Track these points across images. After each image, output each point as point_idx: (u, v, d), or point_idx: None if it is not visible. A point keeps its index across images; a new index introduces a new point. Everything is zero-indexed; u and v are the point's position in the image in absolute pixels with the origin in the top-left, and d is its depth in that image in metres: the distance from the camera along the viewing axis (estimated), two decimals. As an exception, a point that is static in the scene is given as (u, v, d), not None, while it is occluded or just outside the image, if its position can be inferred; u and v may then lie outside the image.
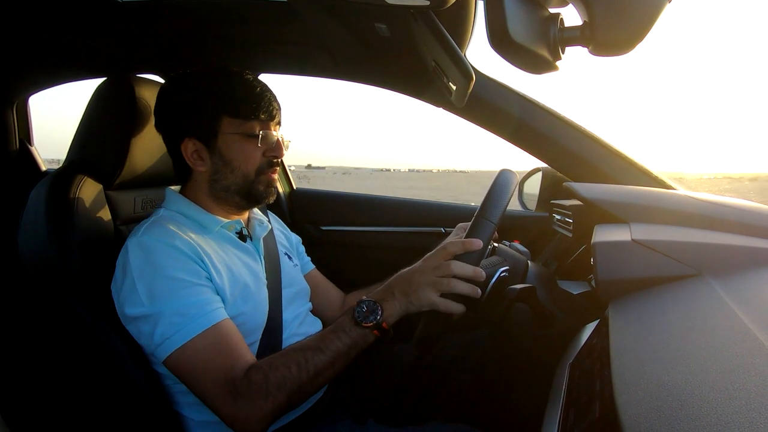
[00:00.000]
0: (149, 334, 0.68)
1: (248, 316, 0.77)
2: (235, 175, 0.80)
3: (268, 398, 0.64)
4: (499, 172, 0.74)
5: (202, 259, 0.74)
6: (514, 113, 1.05)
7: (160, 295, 0.68)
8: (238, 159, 0.80)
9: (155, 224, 0.76)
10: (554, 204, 1.12)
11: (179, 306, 0.67)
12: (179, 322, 0.67)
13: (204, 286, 0.71)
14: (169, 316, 0.67)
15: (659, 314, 0.55)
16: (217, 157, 0.80)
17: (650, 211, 0.77)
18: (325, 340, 0.68)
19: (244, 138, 0.79)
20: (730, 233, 0.69)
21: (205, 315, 0.68)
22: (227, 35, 1.03)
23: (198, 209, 0.82)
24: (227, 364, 0.66)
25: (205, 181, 0.82)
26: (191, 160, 0.80)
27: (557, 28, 0.48)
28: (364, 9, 0.82)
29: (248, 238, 0.86)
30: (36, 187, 0.81)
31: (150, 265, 0.70)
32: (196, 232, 0.78)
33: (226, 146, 0.79)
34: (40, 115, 6.49)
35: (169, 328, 0.67)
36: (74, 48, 1.07)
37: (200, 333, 0.67)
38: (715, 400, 0.33)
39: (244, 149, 0.80)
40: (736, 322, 0.45)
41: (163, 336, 0.67)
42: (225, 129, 0.79)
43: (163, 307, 0.67)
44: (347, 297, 1.07)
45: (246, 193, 0.82)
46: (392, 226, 1.41)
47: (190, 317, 0.67)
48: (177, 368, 0.68)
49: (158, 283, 0.68)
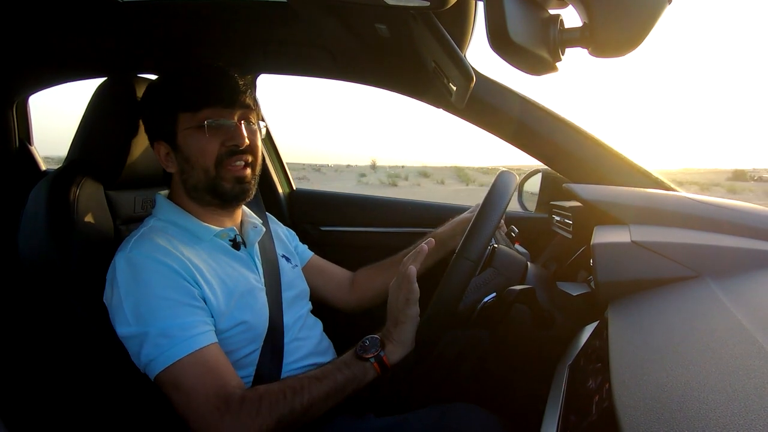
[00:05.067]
0: (136, 354, 0.67)
1: (249, 325, 0.77)
2: (196, 172, 0.78)
3: (257, 418, 0.63)
4: (498, 175, 0.74)
5: (194, 276, 0.72)
6: (514, 114, 1.05)
7: (146, 315, 0.67)
8: (195, 154, 0.77)
9: (145, 238, 0.74)
10: (554, 205, 1.12)
11: (165, 327, 0.66)
12: (164, 344, 0.65)
13: (193, 306, 0.70)
14: (154, 337, 0.66)
15: (658, 316, 0.55)
16: (180, 156, 0.79)
17: (650, 212, 0.77)
18: (324, 372, 0.69)
19: (196, 130, 0.76)
20: (730, 235, 0.69)
21: (192, 338, 0.67)
22: (227, 35, 1.03)
23: (188, 217, 0.80)
24: (218, 383, 0.66)
25: (179, 183, 0.81)
26: (164, 162, 0.81)
27: (557, 30, 0.48)
28: (364, 10, 0.82)
29: (242, 245, 0.84)
30: (36, 187, 0.81)
31: (137, 283, 0.68)
32: (188, 243, 0.76)
33: (184, 143, 0.78)
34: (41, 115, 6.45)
35: (153, 349, 0.66)
36: (74, 48, 1.07)
37: (186, 355, 0.65)
38: (714, 401, 0.33)
39: (198, 142, 0.77)
40: (734, 324, 0.45)
41: (148, 357, 0.66)
42: (182, 125, 0.77)
43: (149, 327, 0.66)
44: (357, 274, 1.06)
45: (212, 190, 0.78)
46: (392, 227, 1.41)
47: (175, 339, 0.66)
48: (166, 389, 0.66)
49: (145, 301, 0.67)
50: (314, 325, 0.93)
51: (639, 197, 0.83)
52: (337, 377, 0.68)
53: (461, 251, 0.68)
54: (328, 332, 0.96)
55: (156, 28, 0.96)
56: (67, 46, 1.06)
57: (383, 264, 1.04)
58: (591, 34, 0.45)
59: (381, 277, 1.02)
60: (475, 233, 0.68)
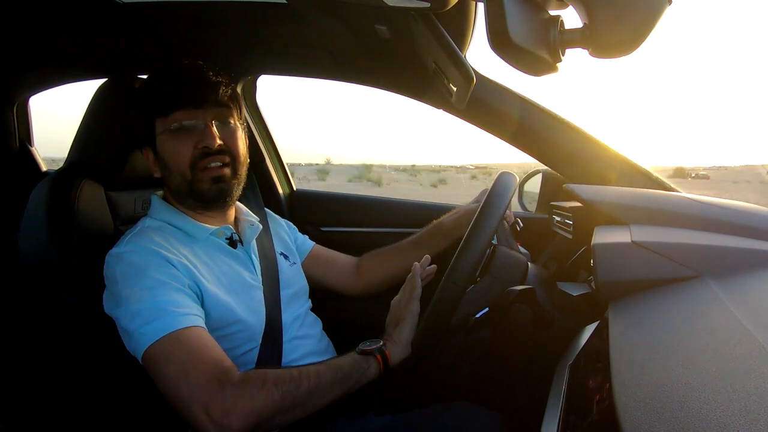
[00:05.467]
0: (125, 330, 0.65)
1: (246, 323, 0.77)
2: (174, 176, 0.78)
3: (262, 389, 0.59)
4: (498, 176, 0.74)
5: (190, 272, 0.72)
6: (515, 115, 1.05)
7: (139, 293, 0.66)
8: (170, 158, 0.77)
9: (140, 234, 0.74)
10: (554, 206, 1.12)
11: (158, 303, 0.65)
12: (153, 319, 0.63)
13: (185, 292, 0.69)
14: (147, 311, 0.64)
15: (659, 316, 0.55)
16: (160, 161, 0.79)
17: (650, 212, 0.77)
18: (328, 362, 0.69)
19: (170, 134, 0.76)
20: (730, 235, 0.69)
21: (185, 315, 0.65)
22: (227, 36, 1.03)
23: (184, 217, 0.80)
24: (216, 357, 0.63)
25: (166, 186, 0.83)
26: (152, 167, 0.82)
27: (557, 30, 0.48)
28: (364, 10, 0.82)
29: (239, 243, 0.84)
30: (36, 188, 0.81)
31: (132, 269, 0.69)
32: (184, 242, 0.76)
33: (161, 148, 0.78)
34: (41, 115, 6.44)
35: (145, 323, 0.63)
36: (74, 49, 1.07)
37: (180, 329, 0.63)
38: (714, 401, 0.33)
39: (172, 145, 0.76)
40: (735, 324, 0.45)
41: (138, 330, 0.63)
42: (158, 130, 0.78)
43: (138, 306, 0.65)
44: (362, 260, 1.06)
45: (192, 193, 0.78)
46: (392, 227, 1.41)
47: (168, 314, 0.64)
48: (156, 363, 0.62)
49: (139, 284, 0.67)
50: (314, 324, 0.93)
51: (639, 197, 0.83)
52: (342, 365, 0.68)
53: (450, 275, 0.68)
54: (328, 331, 0.96)
55: (156, 28, 0.96)
56: (68, 47, 1.06)
57: (389, 250, 1.05)
58: (591, 35, 0.45)
59: (387, 263, 1.02)
60: (464, 254, 0.67)
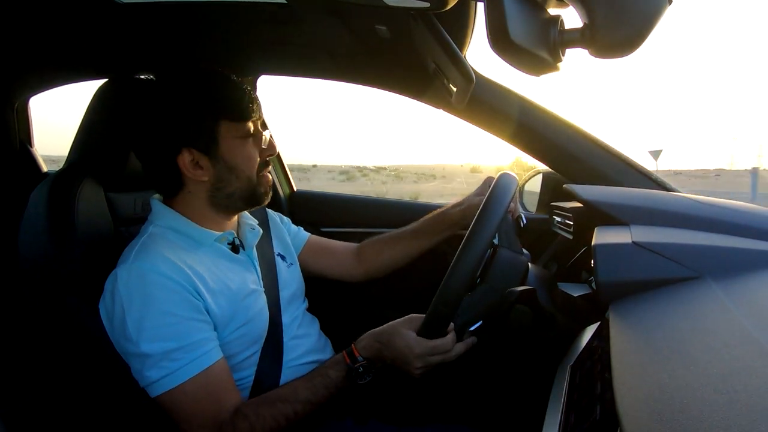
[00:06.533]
0: (138, 372, 0.68)
1: (250, 327, 0.77)
2: (240, 180, 0.78)
3: None
4: (498, 176, 0.74)
5: (197, 288, 0.71)
6: (514, 115, 1.05)
7: (149, 333, 0.66)
8: (243, 163, 0.77)
9: (147, 248, 0.72)
10: (554, 206, 1.12)
11: (168, 349, 0.66)
12: (168, 367, 0.66)
13: (197, 321, 0.70)
14: (159, 360, 0.66)
15: (660, 316, 0.55)
16: (221, 165, 0.76)
17: (651, 213, 0.77)
18: (300, 378, 0.75)
19: (242, 140, 0.77)
20: (731, 235, 0.69)
21: (195, 360, 0.67)
22: (227, 36, 1.03)
23: (188, 223, 0.78)
24: (215, 408, 0.68)
25: (205, 191, 0.77)
26: (191, 171, 0.74)
27: (557, 30, 0.48)
28: (364, 10, 0.82)
29: (241, 248, 0.84)
30: (36, 189, 0.81)
31: (141, 298, 0.67)
32: (189, 249, 0.76)
33: (229, 152, 0.76)
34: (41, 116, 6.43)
35: (157, 372, 0.66)
36: (74, 49, 1.07)
37: (189, 379, 0.67)
38: (716, 402, 0.33)
39: (246, 152, 0.78)
40: (736, 325, 0.45)
41: (150, 379, 0.67)
42: (225, 134, 0.75)
43: (153, 347, 0.66)
44: (363, 246, 1.06)
45: (249, 196, 0.80)
46: (392, 228, 1.41)
47: (179, 362, 0.66)
48: (165, 407, 0.69)
49: (149, 318, 0.67)
50: (312, 323, 0.94)
51: (640, 197, 0.83)
52: (311, 375, 0.74)
53: (448, 280, 0.67)
54: (325, 330, 0.96)
55: (156, 29, 0.96)
56: (68, 47, 1.06)
57: (389, 237, 1.05)
58: (591, 35, 0.45)
59: (388, 250, 1.04)
60: (463, 259, 0.67)
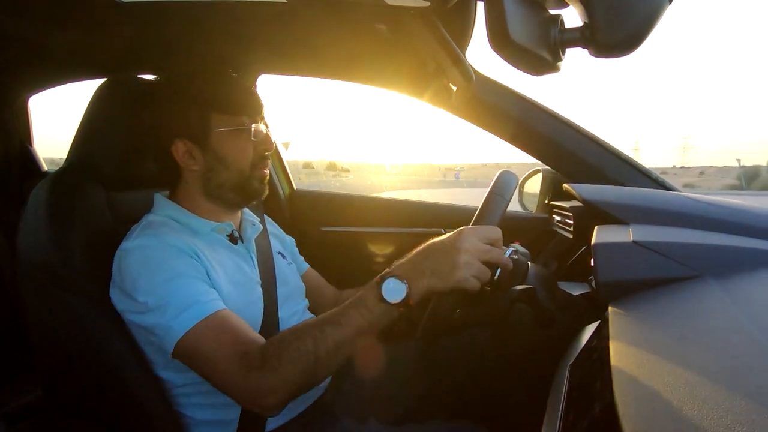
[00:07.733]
0: (157, 327, 0.68)
1: (243, 317, 0.77)
2: (230, 171, 0.81)
3: (279, 371, 0.64)
4: (499, 174, 0.74)
5: (199, 256, 0.74)
6: (514, 114, 1.05)
7: (161, 288, 0.68)
8: (233, 155, 0.80)
9: (147, 227, 0.76)
10: (554, 205, 1.12)
11: (181, 297, 0.68)
12: (183, 310, 0.67)
13: (201, 280, 0.72)
14: (173, 307, 0.67)
15: (660, 315, 0.55)
16: (210, 155, 0.80)
17: (651, 212, 0.77)
18: (345, 315, 0.65)
19: (235, 133, 0.80)
20: (731, 234, 0.69)
21: (206, 303, 0.69)
22: (227, 36, 1.03)
23: (187, 213, 0.82)
24: (238, 339, 0.67)
25: (198, 180, 0.82)
26: (183, 160, 0.80)
27: (557, 30, 0.48)
28: (364, 10, 0.82)
29: (239, 240, 0.86)
30: (36, 188, 0.81)
31: (148, 263, 0.70)
32: (188, 235, 0.78)
33: (219, 143, 0.80)
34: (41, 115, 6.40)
35: (169, 320, 0.67)
36: (74, 48, 1.07)
37: (204, 318, 0.67)
38: (716, 401, 0.33)
39: (238, 144, 0.80)
40: (736, 324, 0.45)
41: (164, 328, 0.67)
42: (215, 126, 0.79)
43: (166, 299, 0.68)
44: (344, 295, 1.06)
45: (241, 188, 0.82)
46: (392, 227, 1.41)
47: (191, 305, 0.68)
48: (187, 356, 0.68)
49: (158, 278, 0.69)
50: None
51: (639, 197, 0.83)
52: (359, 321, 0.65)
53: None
54: None
55: (156, 28, 0.96)
56: (67, 46, 1.06)
57: None
58: (591, 35, 0.45)
59: None
60: None
